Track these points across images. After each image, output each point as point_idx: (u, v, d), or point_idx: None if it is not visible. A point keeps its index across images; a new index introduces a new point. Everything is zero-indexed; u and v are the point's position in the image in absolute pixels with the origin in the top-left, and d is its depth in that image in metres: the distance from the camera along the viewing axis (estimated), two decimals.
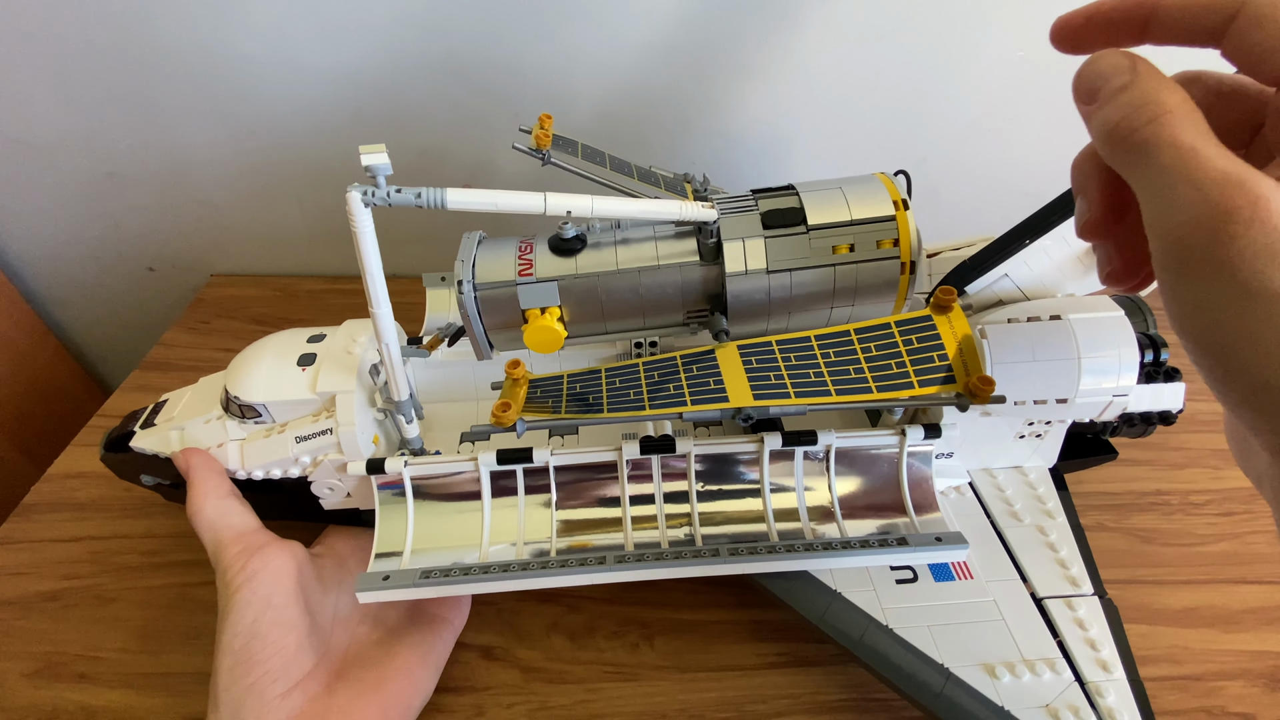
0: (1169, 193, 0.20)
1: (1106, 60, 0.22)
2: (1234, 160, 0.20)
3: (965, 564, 0.40)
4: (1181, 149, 0.20)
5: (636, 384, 0.34)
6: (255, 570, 0.35)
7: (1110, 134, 0.22)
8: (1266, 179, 0.19)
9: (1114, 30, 0.24)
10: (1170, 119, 0.21)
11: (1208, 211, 0.19)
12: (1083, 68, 0.23)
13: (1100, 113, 0.22)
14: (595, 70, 0.60)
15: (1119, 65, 0.22)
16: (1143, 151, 0.21)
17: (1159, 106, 0.21)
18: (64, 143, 0.65)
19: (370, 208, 0.30)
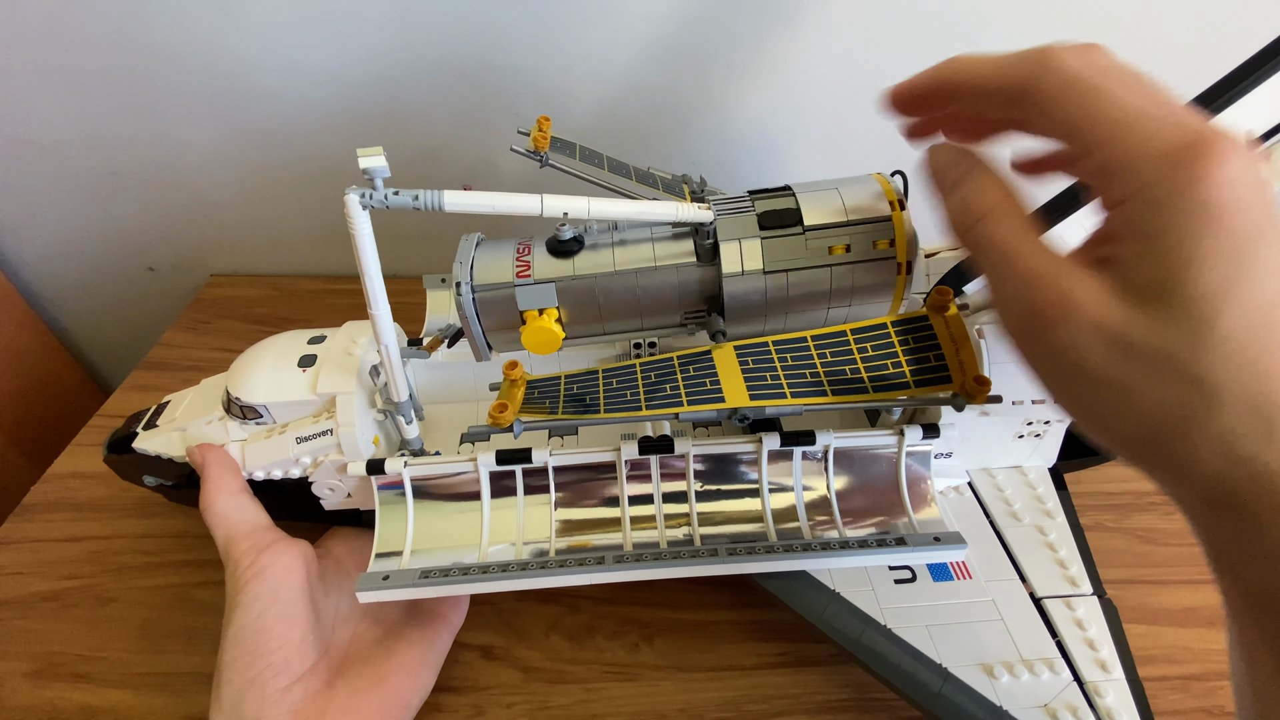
0: (997, 290, 0.23)
1: (940, 156, 0.25)
2: (1045, 257, 0.22)
3: (964, 564, 0.40)
4: (998, 250, 0.23)
5: (634, 385, 0.34)
6: (265, 565, 0.35)
7: (952, 230, 0.25)
8: (1074, 271, 0.21)
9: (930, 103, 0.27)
10: (989, 221, 0.23)
11: (1025, 310, 0.22)
12: (923, 162, 0.26)
13: (941, 209, 0.25)
14: (594, 71, 0.60)
15: (950, 160, 0.25)
16: (975, 250, 0.24)
17: (980, 208, 0.23)
18: (64, 143, 0.65)
19: (368, 210, 0.30)
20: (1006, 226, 0.23)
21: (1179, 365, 0.19)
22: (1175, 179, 0.19)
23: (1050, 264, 0.21)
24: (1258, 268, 0.19)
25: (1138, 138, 0.20)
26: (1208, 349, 0.19)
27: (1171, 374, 0.19)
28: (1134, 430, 0.21)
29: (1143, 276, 0.20)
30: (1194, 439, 0.20)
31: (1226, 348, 0.19)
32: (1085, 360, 0.20)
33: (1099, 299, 0.20)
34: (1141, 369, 0.20)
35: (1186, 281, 0.19)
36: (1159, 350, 0.20)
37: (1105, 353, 0.20)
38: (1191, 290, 0.19)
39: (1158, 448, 0.21)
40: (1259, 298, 0.19)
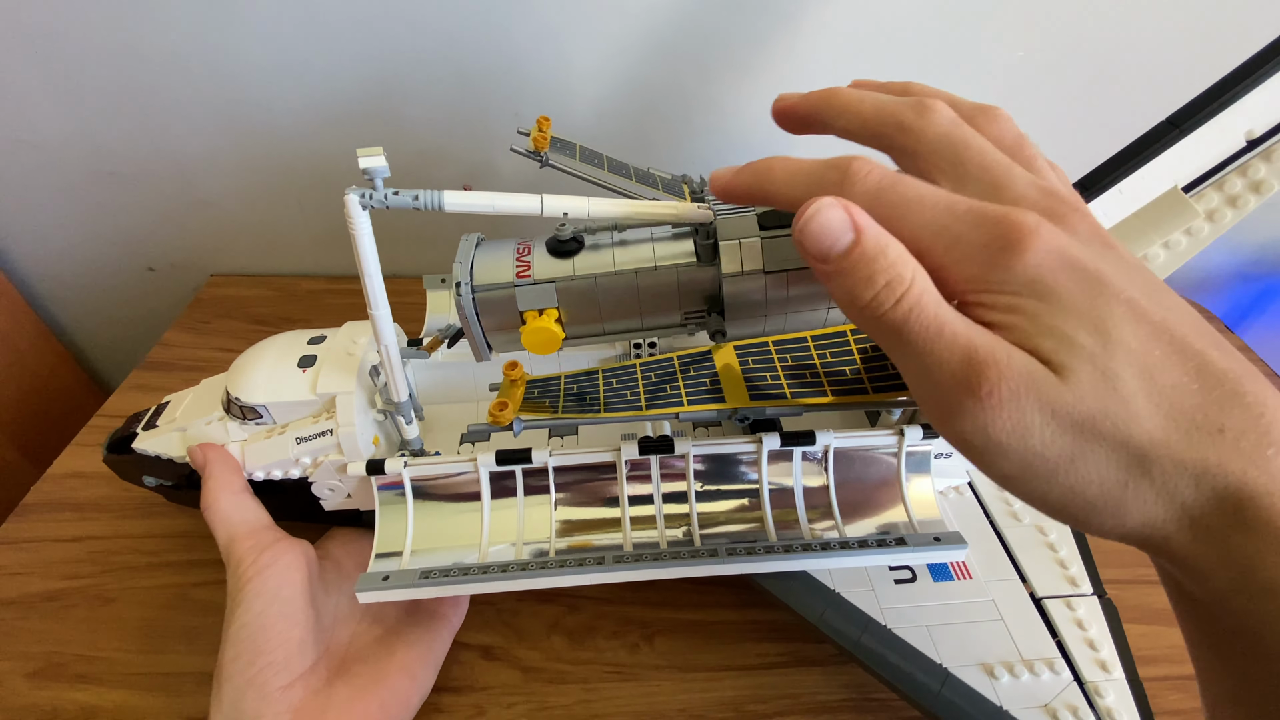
0: (926, 375, 0.21)
1: (825, 218, 0.21)
2: (969, 328, 0.21)
3: (964, 564, 0.40)
4: (928, 329, 0.21)
5: (634, 385, 0.34)
6: (267, 564, 0.36)
7: (860, 311, 0.22)
8: (997, 343, 0.20)
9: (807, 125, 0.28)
10: (911, 297, 0.21)
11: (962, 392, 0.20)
12: (804, 224, 0.22)
13: (839, 283, 0.22)
14: (594, 71, 0.60)
15: (839, 223, 0.21)
16: (894, 333, 0.21)
17: (899, 284, 0.21)
18: (65, 142, 0.65)
19: (368, 210, 0.30)
20: (930, 297, 0.21)
21: (1109, 430, 0.19)
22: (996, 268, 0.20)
23: (979, 336, 0.20)
24: (1112, 316, 0.20)
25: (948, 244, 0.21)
26: (1122, 408, 0.19)
27: (1104, 440, 0.19)
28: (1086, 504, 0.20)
29: (1040, 345, 0.20)
30: (1138, 501, 0.20)
31: (1134, 404, 0.19)
32: (1029, 441, 0.20)
33: (1031, 372, 0.20)
34: (1080, 439, 0.20)
35: (1074, 344, 0.20)
36: (1087, 418, 0.19)
37: (1045, 429, 0.20)
38: (1081, 351, 0.20)
39: (1111, 516, 0.20)
40: (1130, 342, 0.20)
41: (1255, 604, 0.19)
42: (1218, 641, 0.22)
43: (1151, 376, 0.19)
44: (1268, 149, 0.34)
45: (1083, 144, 0.43)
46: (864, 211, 0.22)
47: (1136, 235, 0.35)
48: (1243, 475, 0.19)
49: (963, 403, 0.20)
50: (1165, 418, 0.19)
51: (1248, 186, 0.34)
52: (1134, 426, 0.19)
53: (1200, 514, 0.19)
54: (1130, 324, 0.20)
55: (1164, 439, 0.19)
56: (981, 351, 0.20)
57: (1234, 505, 0.19)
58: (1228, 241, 0.41)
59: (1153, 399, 0.19)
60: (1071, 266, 0.20)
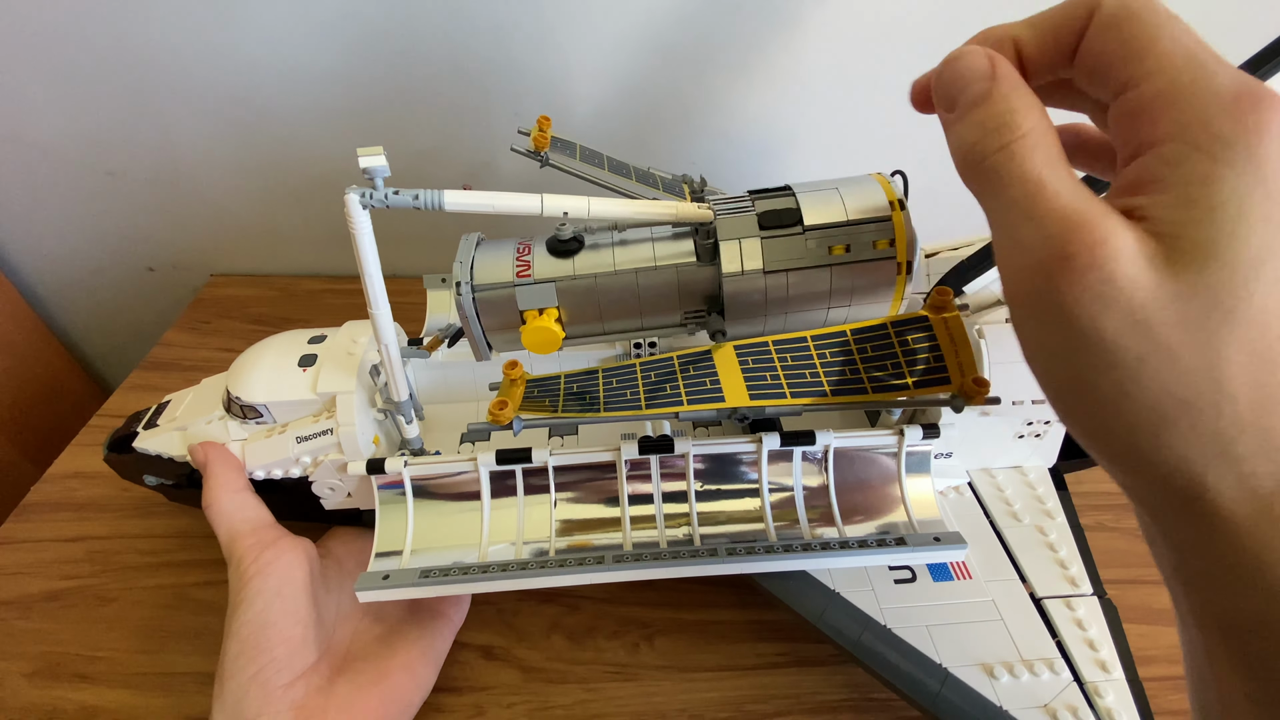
0: (1014, 230, 0.20)
1: (966, 63, 0.21)
2: (1079, 195, 0.19)
3: (964, 564, 0.40)
4: (1029, 183, 0.19)
5: (634, 384, 0.34)
6: (268, 562, 0.36)
7: (964, 157, 0.21)
8: (1110, 216, 0.18)
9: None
10: (1020, 146, 0.19)
11: (1047, 255, 0.18)
12: (943, 69, 0.21)
13: (956, 128, 0.21)
14: (594, 71, 0.60)
15: (977, 70, 0.21)
16: (992, 180, 0.20)
17: (1011, 131, 0.20)
18: (64, 143, 0.65)
19: (368, 209, 0.30)
20: (1041, 154, 0.19)
21: (1198, 346, 0.17)
22: (1231, 124, 0.17)
23: (1086, 203, 0.18)
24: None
25: (1191, 75, 0.18)
26: (1227, 329, 0.17)
27: (1187, 355, 0.17)
28: (1131, 411, 0.18)
29: (1179, 233, 0.18)
30: (1190, 430, 0.18)
31: (1244, 331, 0.17)
32: (1101, 324, 0.18)
33: (1134, 252, 0.18)
34: (1159, 341, 0.17)
35: (1232, 243, 0.17)
36: (1182, 321, 0.17)
37: (1123, 319, 0.18)
38: (1233, 255, 0.17)
39: (1150, 435, 0.18)
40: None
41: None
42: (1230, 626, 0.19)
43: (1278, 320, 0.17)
44: None
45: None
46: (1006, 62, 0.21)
47: None
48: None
49: (1044, 260, 0.18)
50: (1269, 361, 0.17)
51: None
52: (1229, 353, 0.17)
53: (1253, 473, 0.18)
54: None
55: (1254, 379, 0.17)
56: (1084, 215, 0.18)
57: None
58: None
59: (1267, 338, 0.17)
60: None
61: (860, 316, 0.35)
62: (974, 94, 0.20)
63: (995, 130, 0.20)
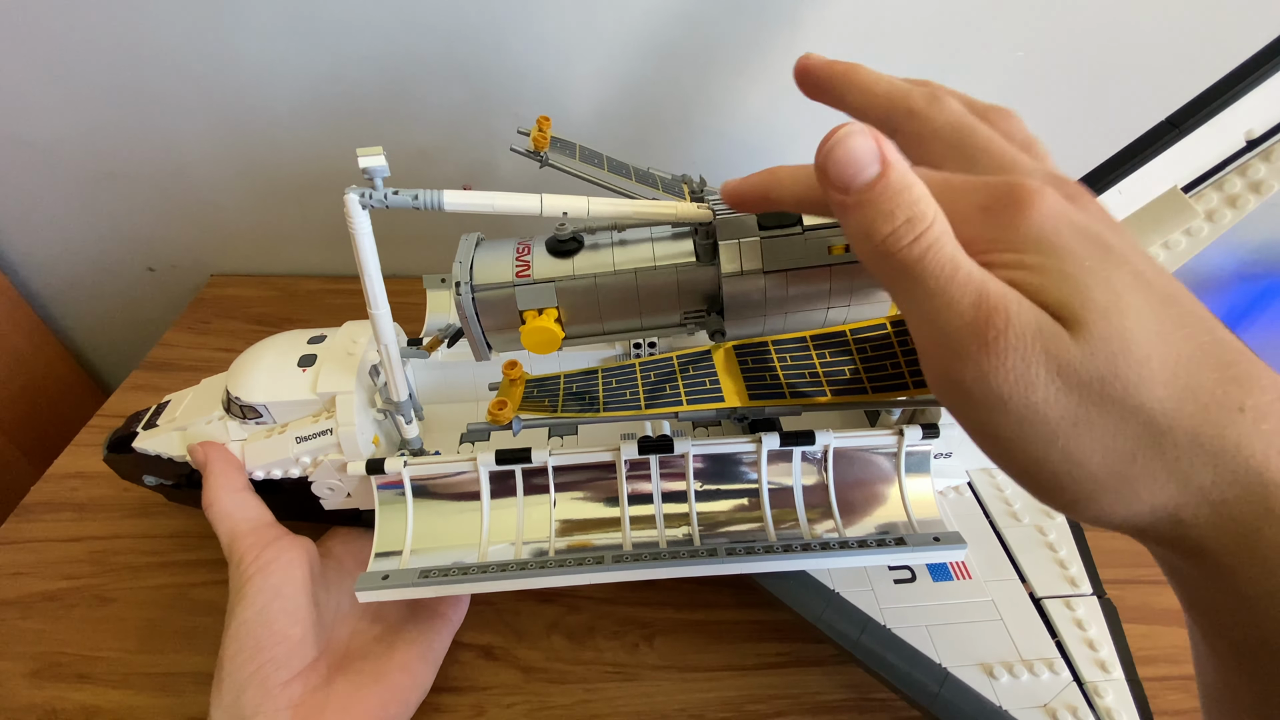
0: (934, 318, 0.20)
1: (853, 144, 0.20)
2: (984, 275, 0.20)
3: (964, 564, 0.40)
4: (944, 272, 0.20)
5: (633, 384, 0.34)
6: (268, 561, 0.36)
7: (874, 248, 0.21)
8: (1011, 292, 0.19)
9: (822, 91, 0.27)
10: (930, 235, 0.20)
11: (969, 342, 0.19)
12: (829, 149, 0.21)
13: (857, 216, 0.21)
14: (594, 71, 0.60)
15: (867, 152, 0.20)
16: (907, 272, 0.20)
17: (921, 220, 0.20)
18: (64, 143, 0.65)
19: (368, 209, 0.30)
20: (949, 239, 0.20)
21: (1117, 394, 0.18)
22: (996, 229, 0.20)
23: (992, 282, 0.19)
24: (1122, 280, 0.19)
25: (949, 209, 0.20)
26: (1133, 370, 0.18)
27: (1112, 405, 0.18)
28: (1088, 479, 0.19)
29: (1052, 297, 0.19)
30: (1148, 479, 0.18)
31: (1147, 368, 0.18)
32: (1032, 395, 0.19)
33: (1040, 322, 0.19)
34: (1085, 403, 0.18)
35: (1087, 298, 0.18)
36: (1096, 377, 0.18)
37: (1050, 385, 0.18)
38: (1095, 305, 0.18)
39: (1114, 496, 0.19)
40: (1142, 306, 0.18)
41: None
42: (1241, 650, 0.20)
43: (1166, 342, 0.18)
44: (1267, 149, 0.34)
45: (1082, 144, 0.43)
46: (892, 145, 0.21)
47: (1136, 235, 0.35)
48: (1265, 460, 0.17)
49: (967, 348, 0.19)
50: (1181, 388, 0.18)
51: (1247, 186, 0.34)
52: (1146, 393, 0.18)
53: (1223, 500, 0.18)
54: (1140, 291, 0.19)
55: (1179, 410, 0.18)
56: (993, 297, 0.19)
57: (1261, 493, 0.17)
58: (1227, 241, 0.41)
59: (1168, 366, 0.18)
60: (1078, 228, 0.19)
61: (860, 316, 0.35)
62: (868, 180, 0.20)
63: (907, 222, 0.20)
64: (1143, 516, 0.19)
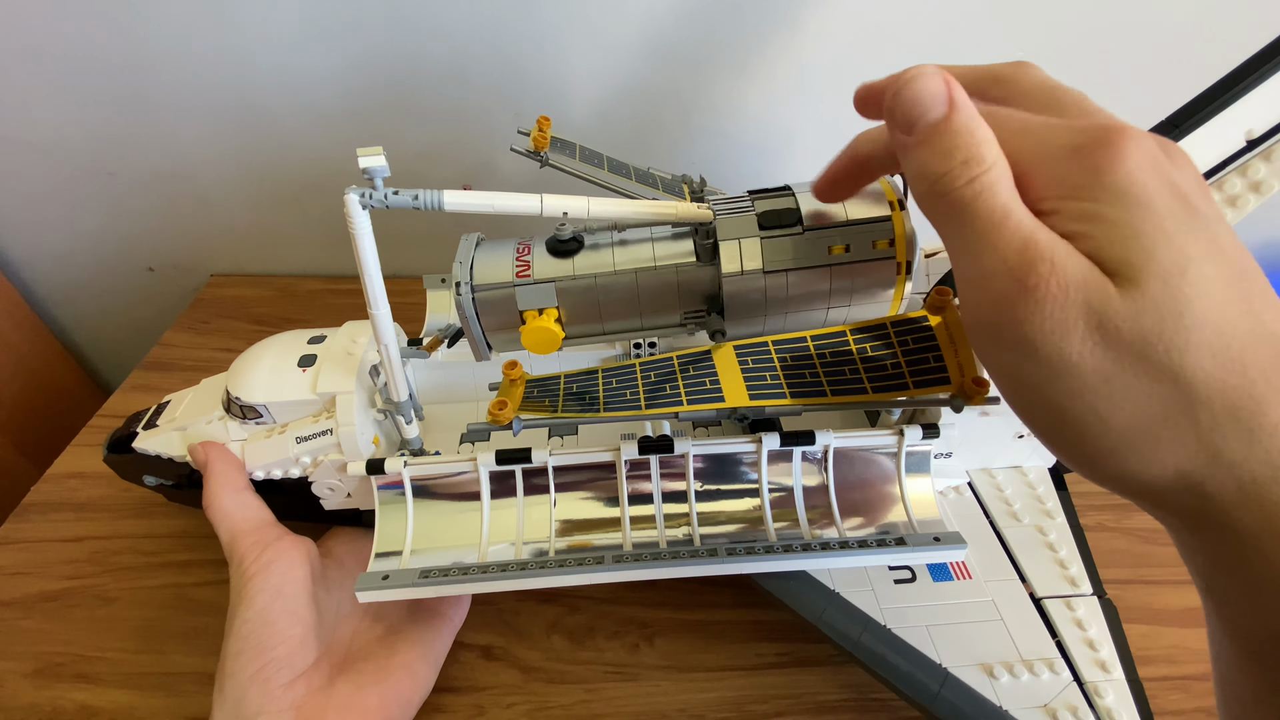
0: (977, 260, 0.20)
1: (922, 84, 0.21)
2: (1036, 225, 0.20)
3: (964, 564, 0.40)
4: (994, 216, 0.20)
5: (633, 384, 0.34)
6: (269, 561, 0.36)
7: (930, 187, 0.21)
8: (1060, 244, 0.19)
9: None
10: (987, 179, 0.20)
11: (1009, 286, 0.19)
12: (900, 90, 0.21)
13: (917, 155, 0.21)
14: (594, 71, 0.60)
15: (935, 93, 0.21)
16: (959, 212, 0.20)
17: (980, 164, 0.20)
18: (64, 143, 0.65)
19: (368, 209, 0.30)
20: (1006, 186, 0.20)
21: (1158, 357, 0.18)
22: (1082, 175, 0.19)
23: (1042, 231, 0.19)
24: (1197, 246, 0.18)
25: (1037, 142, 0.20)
26: (1182, 336, 0.18)
27: (1150, 366, 0.18)
28: (1112, 434, 0.19)
29: (1112, 254, 0.19)
30: (1175, 443, 0.18)
31: (1198, 335, 0.18)
32: (1067, 345, 0.19)
33: (1088, 275, 0.19)
34: (1121, 360, 0.18)
35: (1148, 259, 0.18)
36: (1138, 337, 0.18)
37: (1088, 337, 0.18)
38: (1157, 267, 0.18)
39: (1136, 455, 0.19)
40: (1211, 275, 0.18)
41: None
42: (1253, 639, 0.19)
43: (1225, 314, 0.18)
44: (1267, 149, 0.34)
45: None
46: (963, 90, 0.21)
47: None
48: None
49: (1006, 291, 0.19)
50: (1230, 360, 0.18)
51: (1247, 186, 0.34)
52: (1191, 359, 0.18)
53: (1253, 479, 0.18)
54: (1215, 261, 0.18)
55: (1223, 381, 0.18)
56: (1041, 246, 0.19)
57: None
58: None
59: (1222, 337, 0.18)
60: (1166, 184, 0.19)
61: (860, 316, 0.35)
62: (933, 120, 0.21)
63: (964, 163, 0.20)
64: (1164, 480, 0.19)
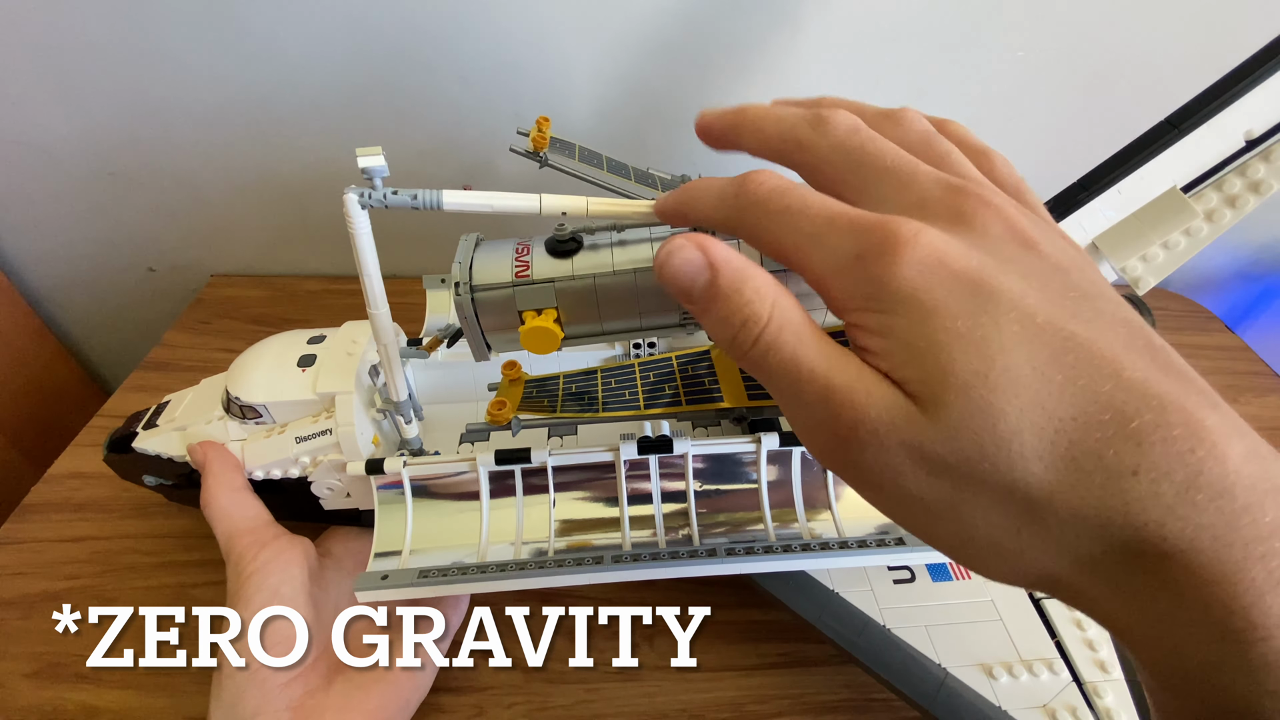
0: (793, 415, 0.20)
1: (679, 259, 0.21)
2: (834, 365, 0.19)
3: None
4: (788, 371, 0.19)
5: (633, 384, 0.34)
6: (267, 560, 0.36)
7: (727, 351, 0.21)
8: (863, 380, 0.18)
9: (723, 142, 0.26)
10: (766, 337, 0.19)
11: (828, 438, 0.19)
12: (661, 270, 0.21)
13: (705, 323, 0.21)
14: (594, 71, 0.60)
15: (693, 262, 0.21)
16: (759, 372, 0.20)
17: (755, 323, 0.20)
18: (64, 143, 0.65)
19: (367, 209, 0.30)
20: (790, 335, 0.19)
21: (987, 474, 0.17)
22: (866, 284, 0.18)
23: (841, 374, 0.19)
24: (1000, 336, 0.17)
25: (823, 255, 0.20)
26: (1002, 450, 0.16)
27: (984, 486, 0.17)
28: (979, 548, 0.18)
29: (909, 374, 0.18)
30: (1035, 551, 0.17)
31: (1018, 444, 0.16)
32: (902, 482, 0.18)
33: (892, 409, 0.18)
34: (957, 483, 0.17)
35: (944, 374, 0.17)
36: (961, 461, 0.17)
37: (917, 472, 0.18)
38: (956, 380, 0.17)
39: (1007, 565, 0.18)
40: (1019, 368, 0.17)
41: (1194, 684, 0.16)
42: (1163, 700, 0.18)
43: (1044, 408, 0.16)
44: (1267, 149, 0.34)
45: (1082, 143, 0.43)
46: (723, 246, 0.21)
47: (1135, 236, 0.35)
48: (1160, 527, 0.15)
49: (828, 443, 0.19)
50: (1060, 459, 0.16)
51: (1247, 187, 0.34)
52: (1018, 471, 0.16)
53: (1113, 570, 0.17)
54: (1022, 344, 0.17)
55: (1056, 484, 0.16)
56: (839, 390, 0.18)
57: (1153, 562, 0.16)
58: (1227, 241, 0.41)
59: (1044, 437, 0.16)
60: (954, 278, 0.18)
61: None
62: (702, 291, 0.21)
63: (742, 326, 0.20)
64: (1042, 583, 0.18)
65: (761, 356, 0.20)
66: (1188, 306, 0.74)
